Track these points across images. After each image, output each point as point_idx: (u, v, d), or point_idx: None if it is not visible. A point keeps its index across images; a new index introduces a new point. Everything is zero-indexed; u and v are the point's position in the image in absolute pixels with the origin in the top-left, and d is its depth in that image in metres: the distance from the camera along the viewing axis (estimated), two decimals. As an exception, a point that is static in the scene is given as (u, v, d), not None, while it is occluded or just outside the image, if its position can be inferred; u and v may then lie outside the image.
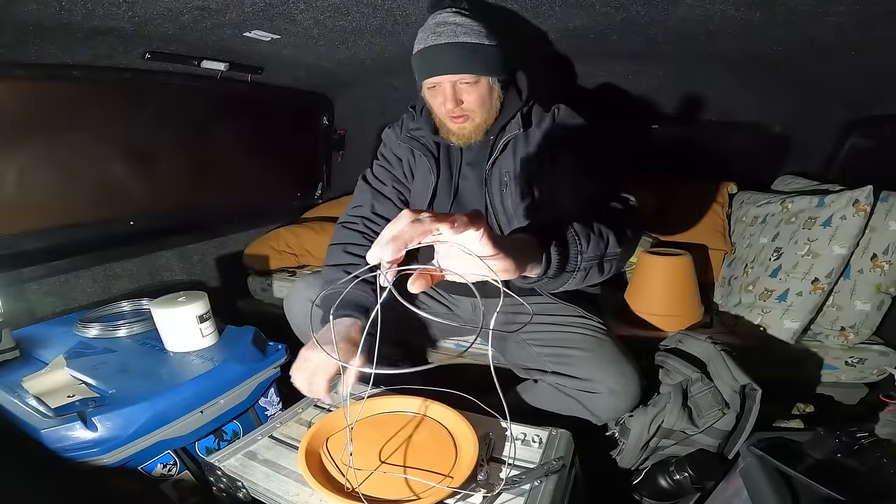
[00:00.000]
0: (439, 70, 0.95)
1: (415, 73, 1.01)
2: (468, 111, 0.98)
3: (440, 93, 0.97)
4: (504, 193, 1.04)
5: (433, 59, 0.95)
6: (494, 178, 1.04)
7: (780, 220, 1.33)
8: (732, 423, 0.91)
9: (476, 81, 0.96)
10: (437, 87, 0.97)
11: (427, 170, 1.08)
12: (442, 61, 0.95)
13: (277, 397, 1.08)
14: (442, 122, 1.04)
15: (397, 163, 1.13)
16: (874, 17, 0.96)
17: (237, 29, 1.16)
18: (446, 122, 1.01)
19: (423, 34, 0.97)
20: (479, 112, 0.99)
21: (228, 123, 1.71)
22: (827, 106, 1.48)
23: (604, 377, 0.92)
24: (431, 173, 1.07)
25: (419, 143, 1.08)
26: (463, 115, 0.98)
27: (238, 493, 0.74)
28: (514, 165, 1.03)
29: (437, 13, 0.97)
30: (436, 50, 0.94)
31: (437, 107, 1.01)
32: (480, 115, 0.99)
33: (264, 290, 1.74)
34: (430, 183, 1.07)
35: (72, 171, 1.33)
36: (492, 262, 0.51)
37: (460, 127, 1.00)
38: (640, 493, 0.95)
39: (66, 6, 0.93)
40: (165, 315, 1.00)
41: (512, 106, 1.02)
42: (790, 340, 1.20)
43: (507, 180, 1.03)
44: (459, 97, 0.96)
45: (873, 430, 0.76)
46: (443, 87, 0.96)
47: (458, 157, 1.09)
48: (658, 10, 1.06)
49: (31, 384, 0.89)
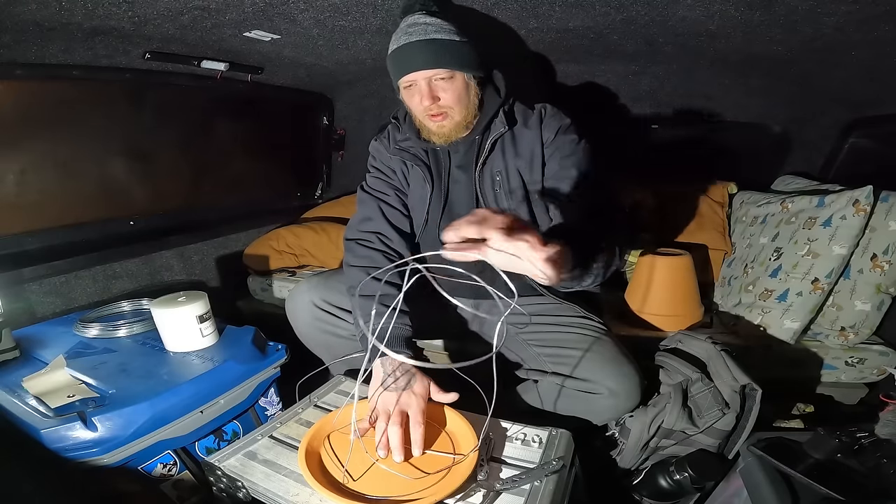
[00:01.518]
0: (413, 67, 0.95)
1: (391, 76, 1.01)
2: (446, 107, 0.98)
3: (416, 91, 0.97)
4: (498, 193, 1.04)
5: (406, 58, 0.96)
6: (486, 178, 1.04)
7: (780, 220, 1.33)
8: (732, 423, 0.91)
9: (451, 77, 0.96)
10: (413, 85, 0.97)
11: (422, 179, 1.07)
12: (415, 58, 0.95)
13: (277, 397, 1.08)
14: (422, 123, 1.03)
15: (392, 173, 1.12)
16: (874, 17, 0.96)
17: (237, 29, 1.16)
18: (425, 121, 1.01)
19: (395, 37, 0.98)
20: (456, 108, 0.98)
21: (228, 123, 1.72)
22: (827, 106, 1.48)
23: (603, 378, 0.92)
24: (427, 183, 1.06)
25: (409, 153, 1.08)
26: (441, 112, 0.98)
27: (238, 493, 0.74)
28: (504, 164, 1.03)
29: (408, 16, 0.98)
30: (408, 48, 0.95)
31: (415, 107, 1.00)
32: (459, 112, 0.99)
33: (264, 290, 1.74)
34: (426, 192, 1.07)
35: (72, 171, 1.33)
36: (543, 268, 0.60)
37: (439, 125, 1.00)
38: (640, 493, 0.95)
39: (66, 6, 0.93)
40: (165, 315, 1.00)
41: (492, 104, 1.03)
42: (790, 340, 1.20)
43: (500, 179, 1.03)
44: (436, 94, 0.96)
45: (873, 430, 0.77)
46: (419, 86, 0.96)
47: (446, 161, 1.08)
48: (658, 10, 1.06)
49: (31, 384, 0.89)
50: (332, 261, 1.75)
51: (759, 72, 1.39)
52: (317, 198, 2.18)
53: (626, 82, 1.57)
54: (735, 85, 1.49)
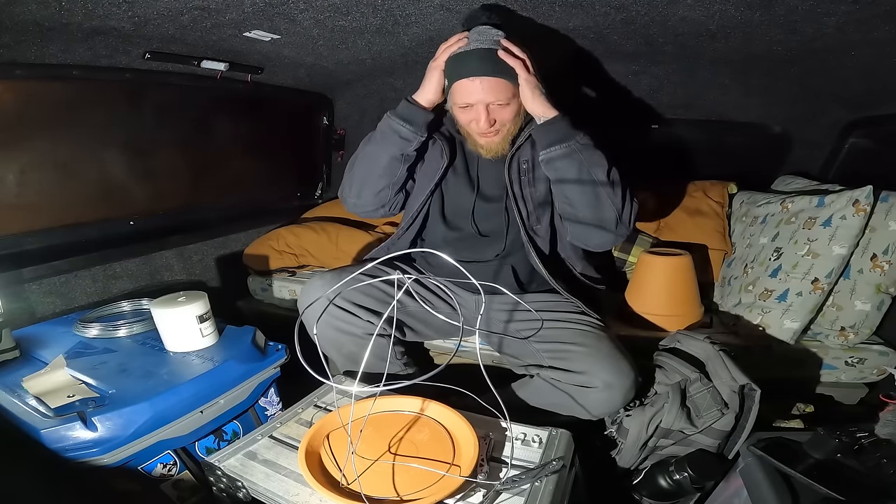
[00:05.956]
0: (475, 71, 0.98)
1: (446, 81, 1.04)
2: (500, 126, 1.03)
3: (473, 113, 1.02)
4: (524, 181, 1.10)
5: (469, 62, 0.98)
6: (514, 166, 1.09)
7: (780, 220, 1.33)
8: (732, 423, 0.91)
9: (507, 104, 1.01)
10: (469, 107, 1.01)
11: (439, 153, 1.11)
12: (476, 64, 0.98)
13: (277, 397, 1.08)
14: (467, 136, 1.10)
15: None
16: (874, 17, 0.96)
17: (237, 29, 1.16)
18: (475, 137, 1.07)
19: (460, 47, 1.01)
20: (509, 124, 1.04)
21: (228, 123, 1.71)
22: (827, 106, 1.48)
23: (599, 371, 0.94)
24: (444, 156, 1.11)
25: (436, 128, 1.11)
26: (494, 130, 1.03)
27: (238, 493, 0.74)
28: (532, 155, 1.08)
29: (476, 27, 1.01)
30: (471, 55, 0.98)
31: (465, 123, 1.06)
32: (510, 128, 1.05)
33: (264, 290, 1.74)
34: (441, 164, 1.11)
35: (72, 171, 1.33)
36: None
37: (489, 141, 1.06)
38: (640, 493, 0.95)
39: (66, 6, 0.93)
40: (165, 315, 1.00)
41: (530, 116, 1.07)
42: (790, 340, 1.20)
43: (527, 167, 1.09)
44: (493, 117, 1.01)
45: (873, 430, 0.77)
46: (476, 109, 1.01)
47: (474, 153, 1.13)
48: (658, 10, 1.06)
49: (31, 384, 0.89)
50: (332, 261, 1.75)
51: (759, 72, 1.39)
52: (317, 198, 2.18)
53: (626, 82, 1.57)
54: (735, 85, 1.49)
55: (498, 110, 1.01)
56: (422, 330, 1.20)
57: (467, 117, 1.03)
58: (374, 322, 1.05)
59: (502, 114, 1.02)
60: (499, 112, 1.01)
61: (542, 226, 1.13)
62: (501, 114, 1.02)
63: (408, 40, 1.29)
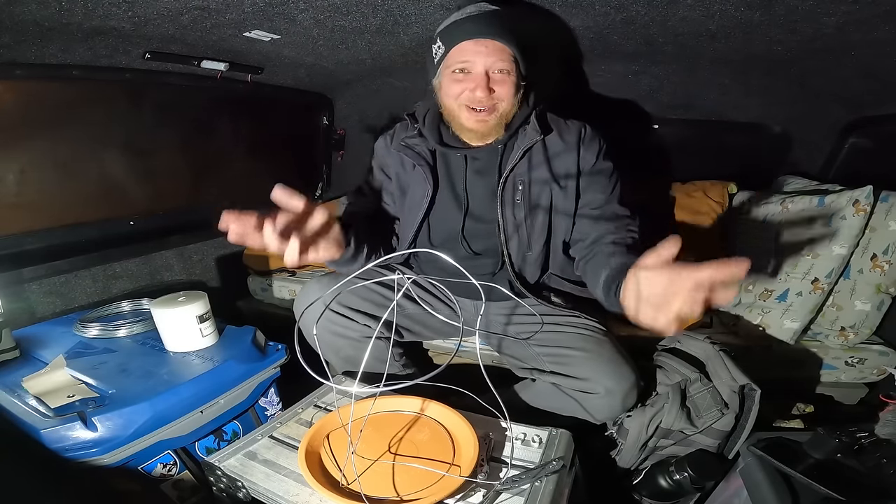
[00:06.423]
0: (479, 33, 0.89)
1: (438, 50, 0.94)
2: (497, 100, 0.93)
3: (469, 79, 0.91)
4: (517, 204, 1.00)
5: (471, 24, 0.89)
6: (508, 186, 1.00)
7: (781, 220, 1.33)
8: (732, 423, 0.91)
9: (509, 73, 0.92)
10: (466, 70, 0.91)
11: (422, 180, 1.03)
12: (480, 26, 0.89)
13: (277, 397, 1.08)
14: (456, 117, 0.97)
15: (387, 181, 1.11)
16: (874, 17, 0.96)
17: (237, 29, 1.16)
18: (462, 115, 0.95)
19: (455, 15, 0.93)
20: (506, 102, 0.94)
21: (228, 123, 1.71)
22: (827, 106, 1.48)
23: (601, 377, 0.92)
24: (427, 183, 1.02)
25: (413, 151, 1.03)
26: (491, 105, 0.93)
27: (238, 493, 0.74)
28: (529, 176, 0.99)
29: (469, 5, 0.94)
30: (474, 18, 0.89)
31: (457, 94, 0.94)
32: (506, 107, 0.95)
33: (264, 290, 1.74)
34: (425, 193, 1.03)
35: (72, 171, 1.33)
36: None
37: (481, 120, 0.94)
38: (640, 493, 0.95)
39: (66, 6, 0.93)
40: (165, 315, 1.00)
41: (523, 109, 0.99)
42: (790, 340, 1.20)
43: (523, 189, 0.99)
44: (492, 85, 0.91)
45: (873, 430, 0.77)
46: (475, 72, 0.91)
47: (460, 167, 1.04)
48: (658, 10, 1.06)
49: (31, 384, 0.89)
50: (331, 261, 1.75)
51: (759, 72, 1.39)
52: (317, 198, 2.17)
53: (626, 82, 1.56)
54: (735, 85, 1.49)
55: (498, 81, 0.92)
56: (420, 331, 1.19)
57: (460, 87, 0.92)
58: (371, 325, 1.03)
59: (501, 87, 0.92)
60: (498, 84, 0.92)
61: (532, 253, 1.05)
62: (501, 87, 0.92)
63: (408, 40, 1.29)
